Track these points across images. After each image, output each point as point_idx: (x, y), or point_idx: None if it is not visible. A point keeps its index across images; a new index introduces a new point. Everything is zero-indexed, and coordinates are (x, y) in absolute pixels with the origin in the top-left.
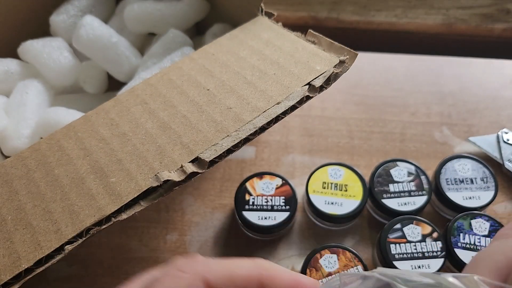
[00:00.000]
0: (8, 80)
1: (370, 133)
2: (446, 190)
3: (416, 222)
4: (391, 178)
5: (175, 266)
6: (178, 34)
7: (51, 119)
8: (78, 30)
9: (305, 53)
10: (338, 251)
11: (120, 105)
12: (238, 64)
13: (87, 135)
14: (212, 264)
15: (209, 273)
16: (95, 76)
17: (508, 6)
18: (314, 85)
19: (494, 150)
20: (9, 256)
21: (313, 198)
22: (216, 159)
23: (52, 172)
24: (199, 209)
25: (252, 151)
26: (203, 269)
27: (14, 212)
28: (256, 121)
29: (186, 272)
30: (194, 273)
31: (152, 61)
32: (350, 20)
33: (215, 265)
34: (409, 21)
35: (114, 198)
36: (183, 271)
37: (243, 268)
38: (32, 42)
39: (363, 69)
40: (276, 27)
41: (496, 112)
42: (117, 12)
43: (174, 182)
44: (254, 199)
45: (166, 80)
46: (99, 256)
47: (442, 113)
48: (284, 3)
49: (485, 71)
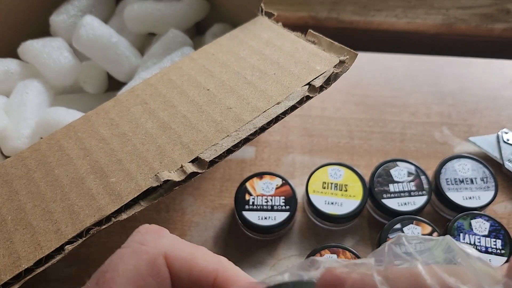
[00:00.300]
0: (8, 80)
1: (370, 133)
2: (446, 190)
3: (416, 222)
4: (391, 178)
5: (138, 239)
6: (178, 34)
7: (51, 119)
8: (78, 30)
9: (305, 53)
10: (338, 251)
11: (120, 105)
12: (238, 64)
13: (87, 135)
14: (178, 243)
15: (172, 251)
16: (95, 76)
17: (508, 6)
18: (314, 85)
19: (494, 150)
20: (9, 256)
21: (313, 198)
22: (216, 159)
23: (52, 172)
24: (199, 209)
25: (252, 151)
26: (167, 245)
27: (14, 212)
28: (256, 121)
29: (148, 247)
30: (157, 248)
31: (152, 61)
32: (350, 20)
33: (180, 244)
34: (409, 21)
35: (114, 198)
36: (146, 245)
37: (204, 260)
38: (32, 42)
39: (363, 69)
40: (276, 27)
41: (496, 112)
42: (117, 12)
43: (174, 182)
44: (254, 199)
45: (166, 80)
46: (99, 256)
47: (442, 113)
48: (284, 3)
49: (485, 71)
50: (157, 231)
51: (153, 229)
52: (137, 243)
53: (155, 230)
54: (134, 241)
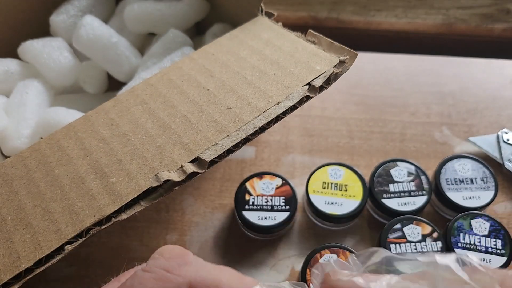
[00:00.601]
0: (8, 80)
1: (370, 133)
2: (446, 190)
3: (416, 222)
4: (391, 178)
5: (162, 265)
6: (178, 34)
7: (51, 119)
8: (78, 30)
9: (305, 53)
10: (338, 251)
11: (120, 105)
12: (238, 64)
13: (87, 135)
14: (202, 269)
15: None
16: (95, 76)
17: (508, 6)
18: (314, 85)
19: (494, 150)
20: (9, 256)
21: (313, 198)
22: (216, 159)
23: (52, 172)
24: (199, 209)
25: (252, 151)
26: (191, 273)
27: (14, 212)
28: (256, 121)
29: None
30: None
31: (152, 61)
32: (350, 20)
33: (204, 271)
34: (409, 21)
35: (114, 198)
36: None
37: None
38: (32, 42)
39: (363, 69)
40: (276, 27)
41: (496, 112)
42: (117, 12)
43: (174, 182)
44: (254, 199)
45: (166, 80)
46: (99, 256)
47: (442, 113)
48: (284, 3)
49: (485, 71)
50: (181, 256)
51: (177, 252)
52: (161, 269)
53: (179, 254)
54: (158, 266)
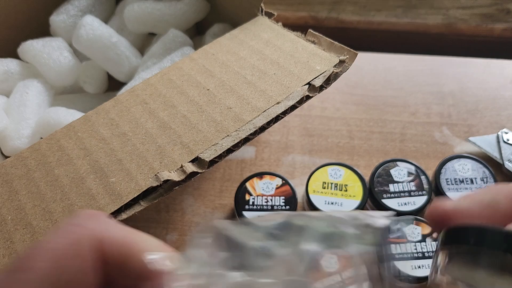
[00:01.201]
0: (8, 80)
1: (370, 133)
2: (446, 190)
3: (416, 222)
4: (391, 178)
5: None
6: (178, 34)
7: (51, 119)
8: (78, 30)
9: (305, 53)
10: None
11: (120, 105)
12: (238, 64)
13: (87, 135)
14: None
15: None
16: (95, 76)
17: (508, 6)
18: (314, 85)
19: (494, 150)
20: (9, 256)
21: (313, 198)
22: (216, 159)
23: (52, 172)
24: (199, 209)
25: (252, 151)
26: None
27: (14, 212)
28: (256, 121)
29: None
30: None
31: (152, 61)
32: (350, 20)
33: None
34: (409, 21)
35: (114, 198)
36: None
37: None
38: (32, 42)
39: (363, 69)
40: (276, 27)
41: (496, 112)
42: (117, 12)
43: (174, 182)
44: (254, 199)
45: (166, 80)
46: None
47: (442, 113)
48: (284, 3)
49: (485, 71)
50: (93, 215)
51: (89, 212)
52: (68, 224)
53: (91, 213)
54: (66, 222)
